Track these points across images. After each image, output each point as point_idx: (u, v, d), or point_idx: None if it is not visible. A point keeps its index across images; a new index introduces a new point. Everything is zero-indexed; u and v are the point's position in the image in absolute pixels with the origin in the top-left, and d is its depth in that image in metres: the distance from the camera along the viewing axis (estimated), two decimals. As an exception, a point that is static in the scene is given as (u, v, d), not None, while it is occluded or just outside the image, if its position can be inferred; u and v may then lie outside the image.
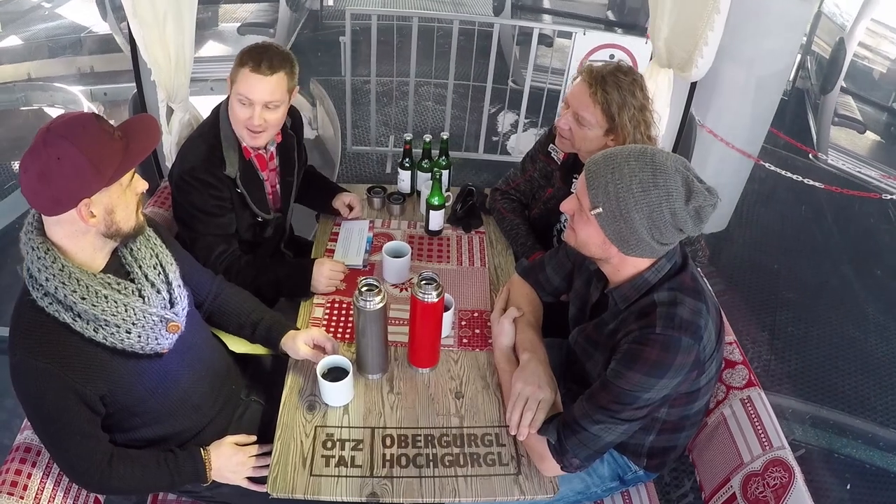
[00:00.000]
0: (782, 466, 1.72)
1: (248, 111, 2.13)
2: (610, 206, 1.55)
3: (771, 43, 3.81)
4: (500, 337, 2.01)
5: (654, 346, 1.55)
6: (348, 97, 4.68)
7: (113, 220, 1.54)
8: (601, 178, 1.56)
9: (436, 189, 2.50)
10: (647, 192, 1.51)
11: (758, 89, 3.96)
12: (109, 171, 1.46)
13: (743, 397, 1.94)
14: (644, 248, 1.58)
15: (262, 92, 2.10)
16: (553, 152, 2.44)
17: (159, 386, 1.74)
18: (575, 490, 1.99)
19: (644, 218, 1.52)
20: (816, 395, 3.48)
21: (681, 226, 1.54)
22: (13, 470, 1.64)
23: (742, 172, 4.39)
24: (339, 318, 2.21)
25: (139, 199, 1.61)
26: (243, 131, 2.19)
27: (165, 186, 2.53)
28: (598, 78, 2.10)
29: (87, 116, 1.48)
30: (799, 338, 3.88)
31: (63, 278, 1.49)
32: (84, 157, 1.42)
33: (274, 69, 2.09)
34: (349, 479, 1.73)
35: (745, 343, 3.71)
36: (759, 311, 4.02)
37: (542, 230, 2.53)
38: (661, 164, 1.53)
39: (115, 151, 1.48)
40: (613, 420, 1.62)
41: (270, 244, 2.53)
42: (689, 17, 2.45)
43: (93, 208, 1.48)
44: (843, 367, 3.68)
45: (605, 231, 1.59)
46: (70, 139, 1.42)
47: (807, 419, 3.33)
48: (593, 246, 1.65)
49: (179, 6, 2.34)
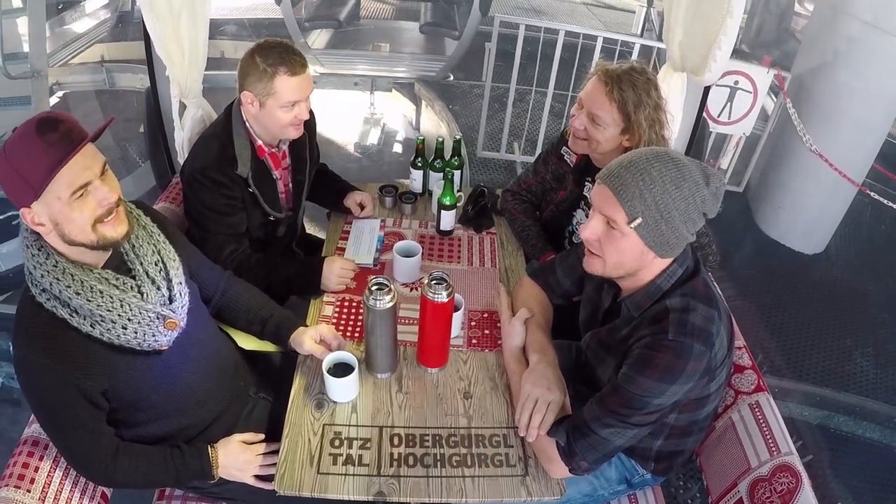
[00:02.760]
0: (790, 472, 1.71)
1: (296, 109, 2.16)
2: (650, 213, 1.52)
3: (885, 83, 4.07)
4: (509, 338, 2.01)
5: (665, 353, 1.55)
6: (486, 103, 4.76)
7: (63, 232, 1.48)
8: (632, 188, 1.52)
9: (447, 189, 2.50)
10: (680, 187, 1.51)
11: (869, 120, 4.22)
12: (34, 179, 1.40)
13: (751, 402, 1.93)
14: (680, 244, 1.59)
15: (305, 87, 2.15)
16: (566, 155, 2.43)
17: (162, 382, 1.74)
18: (582, 492, 1.99)
19: (681, 213, 1.52)
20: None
21: (706, 210, 1.55)
22: (21, 463, 1.65)
23: (845, 197, 4.53)
24: (348, 317, 2.21)
25: (102, 212, 1.50)
26: (288, 130, 2.21)
27: (177, 182, 2.53)
28: (614, 76, 2.08)
29: (31, 124, 1.40)
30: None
31: (57, 274, 1.50)
32: (11, 168, 1.40)
33: (303, 62, 2.13)
34: (356, 478, 1.73)
35: (850, 353, 3.89)
36: (856, 330, 4.13)
37: (553, 232, 2.53)
38: (678, 159, 1.53)
39: (45, 158, 1.39)
40: (623, 424, 1.61)
41: (282, 243, 2.53)
42: (703, 21, 2.44)
43: (38, 217, 1.45)
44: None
45: (645, 239, 1.56)
46: (5, 150, 1.40)
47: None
48: (630, 261, 1.62)
49: (193, 2, 2.35)
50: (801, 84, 4.42)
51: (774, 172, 4.65)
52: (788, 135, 4.43)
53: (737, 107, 4.42)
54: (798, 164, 4.41)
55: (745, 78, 4.29)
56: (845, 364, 3.83)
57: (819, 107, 4.28)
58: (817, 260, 4.66)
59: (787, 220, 4.63)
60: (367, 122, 6.04)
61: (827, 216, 4.60)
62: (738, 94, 4.35)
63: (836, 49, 4.13)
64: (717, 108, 4.42)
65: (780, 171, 4.58)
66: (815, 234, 4.64)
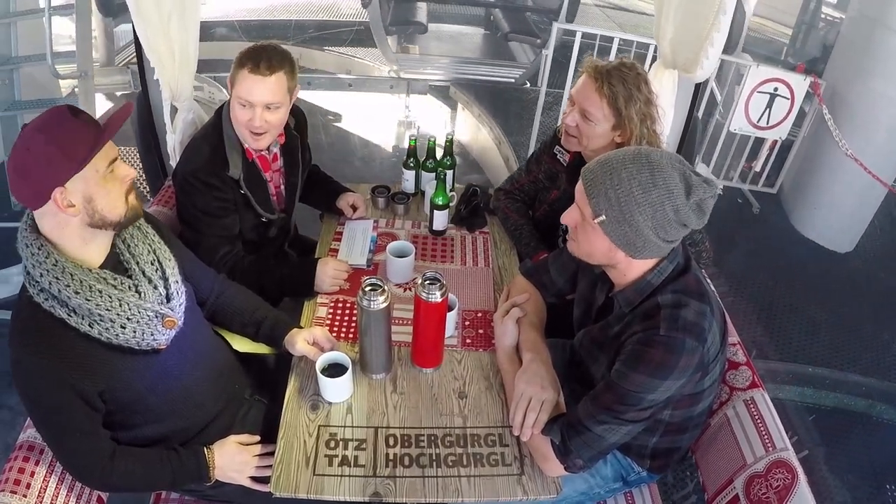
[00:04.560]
0: (785, 468, 1.72)
1: (249, 113, 2.12)
2: (613, 213, 1.54)
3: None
4: (503, 337, 2.01)
5: (658, 348, 1.55)
6: (539, 107, 4.79)
7: (94, 209, 1.52)
8: (600, 185, 1.55)
9: (440, 189, 2.50)
10: (648, 192, 1.50)
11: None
12: (80, 154, 1.46)
13: (746, 398, 1.94)
14: (651, 248, 1.58)
15: (262, 93, 2.09)
16: (559, 154, 2.43)
17: (158, 383, 1.73)
18: (578, 491, 1.99)
19: (648, 219, 1.52)
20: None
21: (684, 221, 1.53)
22: (16, 468, 1.64)
23: (876, 197, 4.72)
24: (342, 318, 2.21)
25: (127, 187, 1.59)
26: (245, 133, 2.18)
27: (169, 186, 2.53)
28: (604, 72, 2.09)
29: (61, 109, 1.49)
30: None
31: (57, 273, 1.49)
32: (52, 145, 1.44)
33: (273, 69, 2.08)
34: (352, 479, 1.73)
35: (889, 346, 4.05)
36: (891, 324, 4.25)
37: (547, 231, 2.53)
38: (658, 163, 1.52)
39: (86, 136, 1.48)
40: (617, 421, 1.62)
41: (275, 244, 2.53)
42: (695, 17, 2.45)
43: (70, 197, 1.47)
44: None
45: (611, 237, 1.58)
46: (39, 129, 1.44)
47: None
48: (599, 254, 1.64)
49: (184, 5, 2.34)
50: (835, 90, 4.61)
51: (809, 175, 4.87)
52: (822, 139, 4.64)
53: (775, 112, 4.62)
54: (833, 167, 4.61)
55: (784, 85, 4.51)
56: (885, 356, 3.98)
57: (853, 113, 4.49)
58: (849, 257, 4.85)
59: (822, 220, 4.84)
60: (401, 124, 6.12)
61: (858, 216, 4.81)
62: (777, 100, 4.57)
63: (873, 58, 4.35)
64: (756, 114, 4.62)
65: (815, 173, 4.80)
66: (848, 232, 4.85)
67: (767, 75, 4.46)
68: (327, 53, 6.81)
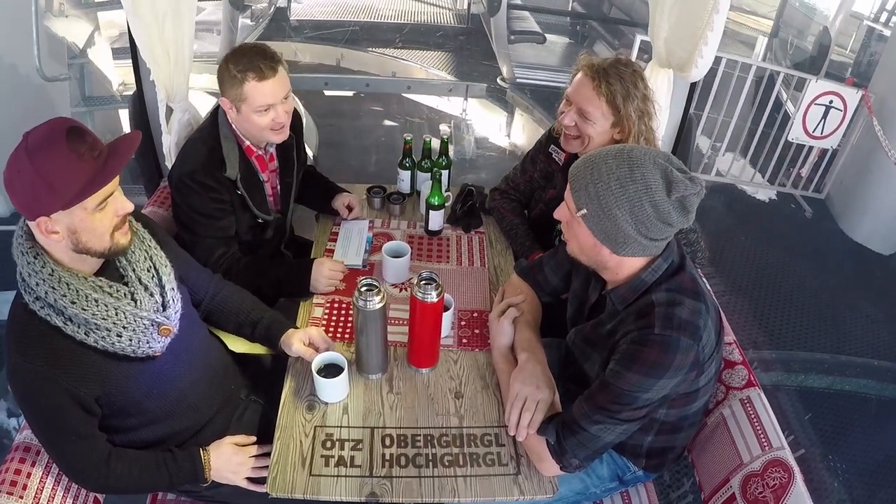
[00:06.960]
0: (782, 467, 1.72)
1: (272, 113, 2.14)
2: (592, 207, 1.55)
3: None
4: (498, 337, 2.01)
5: (652, 347, 1.55)
6: None
7: (78, 240, 1.49)
8: (581, 180, 1.58)
9: (435, 189, 2.50)
10: (625, 187, 1.51)
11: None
12: (69, 193, 1.41)
13: (742, 398, 1.94)
14: (634, 245, 1.58)
15: (277, 90, 2.12)
16: (554, 153, 2.42)
17: (154, 388, 1.73)
18: (574, 490, 1.99)
19: (626, 214, 1.52)
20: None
21: (666, 219, 1.53)
22: (13, 469, 1.64)
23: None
24: (338, 318, 2.21)
25: (119, 221, 1.55)
26: (268, 134, 2.19)
27: (165, 187, 2.52)
28: (600, 70, 2.08)
29: (59, 131, 1.41)
30: None
31: (53, 283, 1.49)
32: (38, 177, 1.39)
33: (273, 65, 2.09)
34: (348, 479, 1.73)
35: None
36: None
37: (543, 230, 2.52)
38: (638, 159, 1.52)
39: (80, 173, 1.42)
40: (612, 420, 1.62)
41: (271, 245, 2.53)
42: (689, 16, 2.45)
43: (55, 226, 1.45)
44: None
45: (594, 232, 1.59)
46: (30, 155, 1.39)
47: None
48: (588, 250, 1.65)
49: (179, 5, 2.34)
50: (883, 102, 4.84)
51: (857, 181, 5.08)
52: (870, 147, 4.87)
53: (829, 123, 4.99)
54: (882, 174, 4.83)
55: (838, 98, 4.89)
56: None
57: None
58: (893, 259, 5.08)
59: (870, 224, 5.05)
60: (459, 128, 6.22)
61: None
62: (831, 112, 4.93)
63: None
64: (812, 124, 4.98)
65: (863, 180, 5.02)
66: (893, 235, 5.06)
67: (824, 88, 4.83)
68: (370, 55, 6.98)
